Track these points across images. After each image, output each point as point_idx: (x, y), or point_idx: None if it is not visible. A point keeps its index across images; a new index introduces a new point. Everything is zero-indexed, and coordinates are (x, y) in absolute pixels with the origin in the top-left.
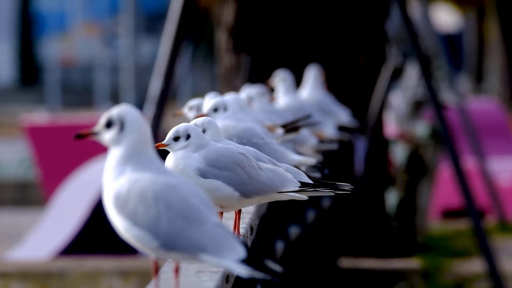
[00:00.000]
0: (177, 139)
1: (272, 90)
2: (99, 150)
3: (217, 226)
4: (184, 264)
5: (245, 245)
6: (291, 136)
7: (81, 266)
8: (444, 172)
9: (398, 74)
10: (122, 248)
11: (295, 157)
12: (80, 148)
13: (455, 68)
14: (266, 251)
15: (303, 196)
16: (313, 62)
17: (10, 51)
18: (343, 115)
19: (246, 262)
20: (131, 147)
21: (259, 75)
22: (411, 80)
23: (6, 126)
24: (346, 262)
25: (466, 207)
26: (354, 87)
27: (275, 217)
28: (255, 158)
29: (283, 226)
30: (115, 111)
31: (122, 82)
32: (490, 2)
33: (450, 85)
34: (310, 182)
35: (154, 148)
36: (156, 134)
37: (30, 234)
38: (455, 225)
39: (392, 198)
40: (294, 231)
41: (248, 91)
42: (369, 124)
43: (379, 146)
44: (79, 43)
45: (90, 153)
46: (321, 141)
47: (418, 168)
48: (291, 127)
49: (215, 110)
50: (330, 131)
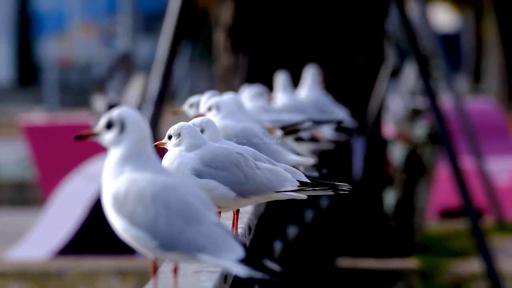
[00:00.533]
0: (170, 137)
1: (270, 90)
2: (97, 150)
3: (215, 226)
4: (182, 264)
5: (243, 245)
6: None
7: (79, 266)
8: (442, 172)
9: (396, 74)
10: (120, 248)
11: (293, 157)
12: (78, 148)
13: (453, 68)
14: (264, 251)
15: (302, 196)
16: (311, 62)
17: (8, 51)
18: (341, 115)
19: (244, 262)
20: (131, 148)
21: (257, 75)
22: (409, 80)
23: (4, 126)
24: (344, 262)
25: (464, 207)
26: (352, 87)
27: (273, 217)
28: (254, 158)
29: (281, 226)
30: (116, 112)
31: None
32: (488, 2)
33: (448, 85)
34: (309, 181)
35: (153, 147)
36: (155, 134)
37: (28, 234)
38: (453, 225)
39: (390, 198)
40: (292, 231)
41: (247, 91)
42: (367, 124)
43: (378, 146)
44: (77, 43)
45: (88, 153)
46: (318, 141)
47: (416, 168)
48: (290, 129)
49: (209, 109)
50: (327, 132)
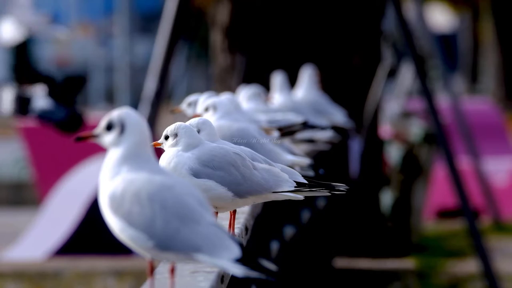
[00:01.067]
0: (167, 137)
1: (267, 90)
2: (94, 151)
3: (212, 226)
4: (179, 264)
5: (240, 244)
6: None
7: (76, 266)
8: (439, 172)
9: (393, 74)
10: (117, 248)
11: (289, 157)
12: (74, 149)
13: (449, 68)
14: (261, 251)
15: (299, 196)
16: (308, 62)
17: (5, 51)
18: (338, 116)
19: (241, 261)
20: (130, 149)
21: (254, 75)
22: (406, 80)
23: (1, 126)
24: (341, 262)
25: (461, 207)
26: (349, 87)
27: (270, 217)
28: (251, 158)
29: (278, 227)
30: (116, 114)
31: (117, 82)
32: (485, 3)
33: (444, 85)
34: (306, 182)
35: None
36: (151, 134)
37: (25, 234)
38: (450, 225)
39: (387, 198)
40: (289, 231)
41: (244, 91)
42: (364, 125)
43: (374, 146)
44: (74, 43)
45: (85, 153)
46: (314, 142)
47: (413, 168)
48: (287, 130)
49: (206, 110)
50: (323, 133)
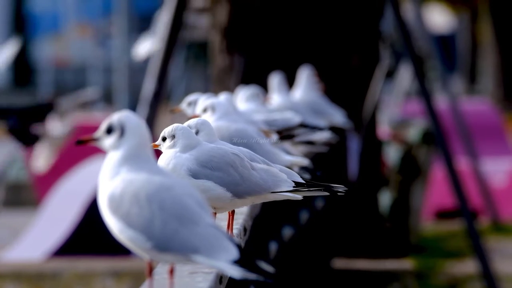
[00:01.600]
0: (164, 139)
1: (266, 91)
2: (92, 152)
3: (210, 227)
4: (178, 265)
5: (238, 246)
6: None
7: (74, 267)
8: (438, 173)
9: (391, 75)
10: (116, 248)
11: (287, 157)
12: (73, 149)
13: (448, 69)
14: (260, 252)
15: (298, 196)
16: (306, 63)
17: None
18: (336, 116)
19: (239, 263)
20: (130, 151)
21: (252, 76)
22: (404, 81)
23: None
24: (340, 263)
25: (459, 208)
26: (347, 88)
27: (269, 218)
28: (249, 158)
29: (277, 227)
30: (116, 117)
31: (115, 83)
32: (483, 3)
33: (443, 85)
34: (304, 182)
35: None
36: (150, 136)
37: (23, 235)
38: (448, 226)
39: (385, 199)
40: (288, 232)
41: (242, 92)
42: (362, 125)
43: (373, 147)
44: (72, 44)
45: (83, 154)
46: (313, 143)
47: (411, 169)
48: (286, 133)
49: (204, 110)
50: (322, 135)
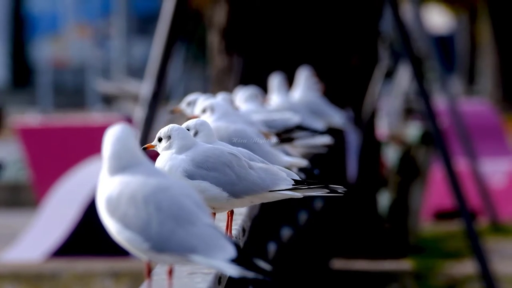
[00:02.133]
0: (160, 140)
1: (265, 92)
2: (91, 152)
3: (208, 227)
4: (177, 266)
5: (235, 245)
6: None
7: (73, 268)
8: (436, 174)
9: (390, 76)
10: (114, 249)
11: (286, 158)
12: (72, 150)
13: (447, 70)
14: (259, 252)
15: (297, 194)
16: (305, 64)
17: (2, 53)
18: (335, 117)
19: (236, 261)
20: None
21: (251, 76)
22: (403, 81)
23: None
24: (338, 264)
25: (458, 209)
26: (346, 88)
27: (267, 218)
28: (248, 158)
29: (275, 228)
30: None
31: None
32: (482, 4)
33: (442, 86)
34: (303, 180)
35: (144, 149)
36: (148, 136)
37: (22, 235)
38: (447, 226)
39: (384, 199)
40: (286, 232)
41: (241, 93)
42: (361, 126)
43: (371, 147)
44: (71, 44)
45: (82, 154)
46: (311, 146)
47: (410, 170)
48: (286, 136)
49: (203, 111)
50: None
